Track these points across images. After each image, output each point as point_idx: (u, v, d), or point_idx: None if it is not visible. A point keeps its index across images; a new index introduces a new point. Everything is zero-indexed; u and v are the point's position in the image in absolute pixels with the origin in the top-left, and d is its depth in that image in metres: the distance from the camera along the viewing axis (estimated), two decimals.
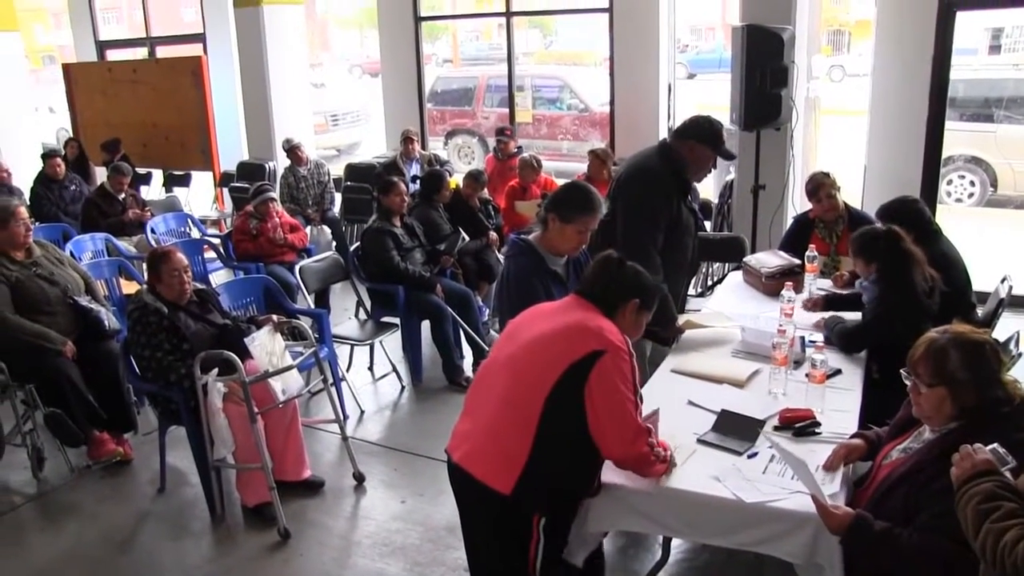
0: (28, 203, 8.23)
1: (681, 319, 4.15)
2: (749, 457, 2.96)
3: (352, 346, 5.96)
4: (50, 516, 4.57)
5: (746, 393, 3.51)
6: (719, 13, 27.92)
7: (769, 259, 4.92)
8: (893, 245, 3.80)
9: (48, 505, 4.68)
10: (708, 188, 7.81)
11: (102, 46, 13.59)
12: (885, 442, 2.76)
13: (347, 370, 5.92)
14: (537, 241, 3.58)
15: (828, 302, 4.32)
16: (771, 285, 4.67)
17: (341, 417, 4.74)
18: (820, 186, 5.14)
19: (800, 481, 2.63)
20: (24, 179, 9.03)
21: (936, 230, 4.50)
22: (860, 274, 4.01)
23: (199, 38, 12.26)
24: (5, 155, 10.76)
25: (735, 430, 3.12)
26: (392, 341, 6.11)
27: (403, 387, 5.94)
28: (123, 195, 8.08)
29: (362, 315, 6.24)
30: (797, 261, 4.78)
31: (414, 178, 8.03)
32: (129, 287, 6.25)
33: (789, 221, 6.16)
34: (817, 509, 2.49)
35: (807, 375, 3.34)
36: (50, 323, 4.84)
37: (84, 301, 5.01)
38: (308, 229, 8.19)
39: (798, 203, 6.67)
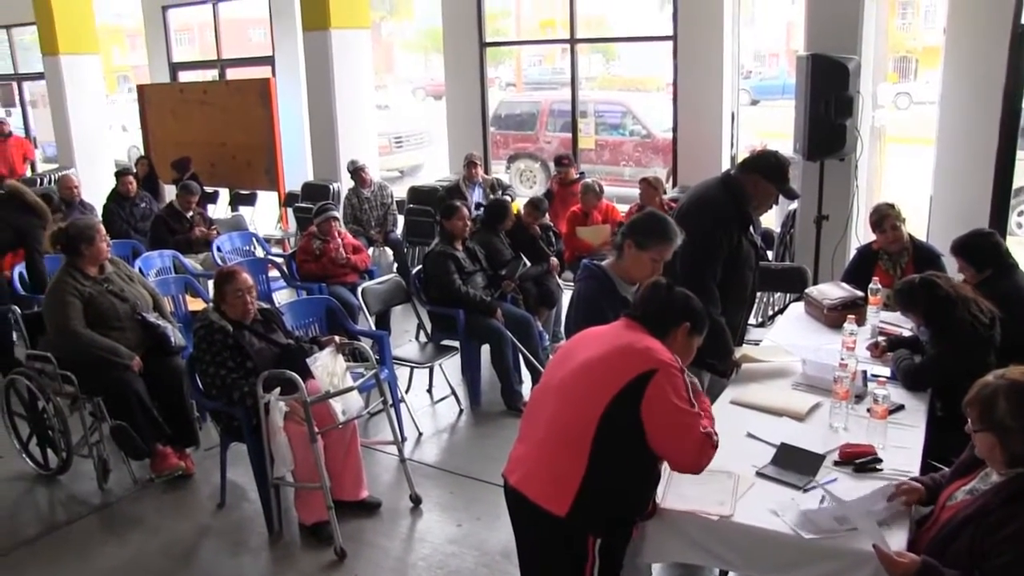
0: (100, 219, 8.44)
1: (738, 352, 4.11)
2: (808, 492, 2.91)
3: (412, 368, 5.99)
4: (114, 527, 4.67)
5: (806, 427, 3.47)
6: (783, 39, 27.74)
7: (831, 291, 4.86)
8: (930, 293, 3.77)
9: (112, 516, 4.78)
10: (770, 217, 7.75)
11: (175, 67, 13.98)
12: (950, 482, 2.70)
13: (406, 392, 5.96)
14: (610, 267, 3.60)
15: (891, 346, 4.24)
16: (833, 317, 4.61)
17: (399, 439, 4.77)
18: (884, 217, 5.07)
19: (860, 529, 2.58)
20: (98, 196, 9.27)
21: (1013, 264, 4.40)
22: (913, 323, 4.01)
23: (268, 60, 12.54)
24: (81, 172, 11.12)
25: (794, 464, 3.08)
26: (451, 364, 6.13)
27: (461, 410, 5.96)
28: (191, 213, 8.26)
29: (422, 337, 6.27)
30: (860, 293, 4.71)
31: (478, 205, 8.06)
32: (195, 304, 6.40)
33: (852, 252, 6.07)
34: (879, 557, 2.44)
35: (869, 410, 3.30)
36: (119, 338, 4.96)
37: (152, 317, 5.13)
38: (370, 250, 8.27)
39: (862, 234, 6.58)
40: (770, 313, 6.83)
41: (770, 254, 7.06)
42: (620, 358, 2.69)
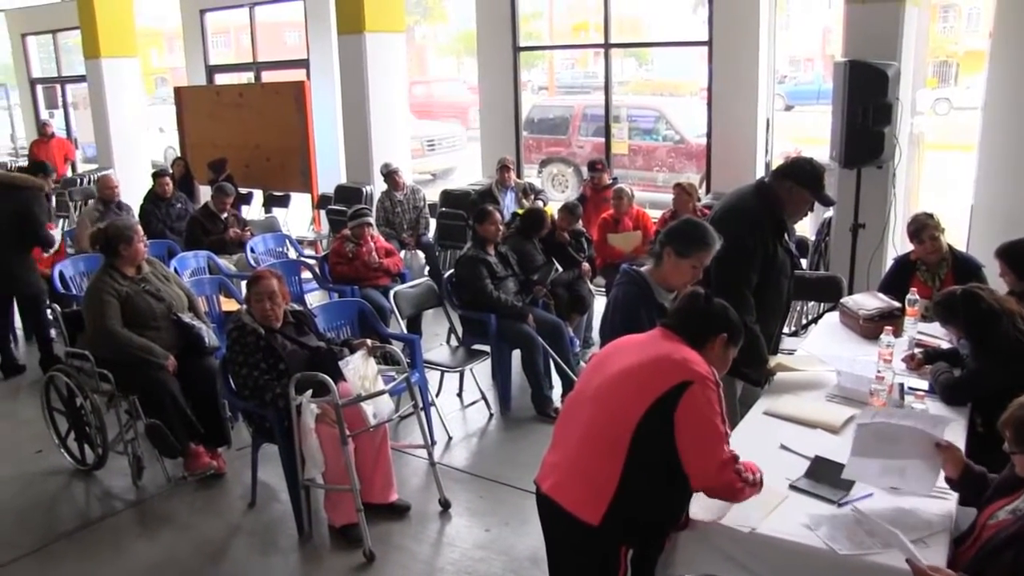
0: (137, 220, 8.54)
1: (773, 361, 4.07)
2: (842, 506, 2.88)
3: (442, 372, 6.00)
4: (147, 523, 4.73)
5: (841, 439, 3.41)
6: (819, 44, 27.53)
7: (867, 301, 4.80)
8: (972, 306, 3.70)
9: (145, 512, 4.84)
10: (805, 225, 7.67)
11: (211, 70, 14.12)
12: (991, 500, 2.66)
13: (436, 396, 5.97)
14: (648, 273, 3.59)
15: (928, 359, 4.18)
16: (869, 328, 4.55)
17: (429, 443, 4.78)
18: (923, 228, 5.00)
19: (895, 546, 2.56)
20: (135, 196, 9.38)
21: None
22: (953, 335, 3.94)
23: (303, 63, 12.64)
24: (119, 172, 11.26)
25: (829, 478, 3.04)
26: (482, 369, 6.13)
27: (491, 415, 5.96)
28: (225, 214, 8.33)
29: (453, 341, 6.28)
30: (897, 304, 4.64)
31: (514, 215, 8.02)
32: (228, 304, 6.45)
33: (889, 262, 6.01)
34: (914, 572, 2.41)
35: None
36: (155, 338, 5.02)
37: (187, 318, 5.19)
38: (402, 253, 8.30)
39: (899, 243, 6.50)
40: (803, 322, 6.77)
41: (804, 262, 6.99)
42: (657, 368, 2.68)
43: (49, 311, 6.65)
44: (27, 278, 6.83)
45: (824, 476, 3.05)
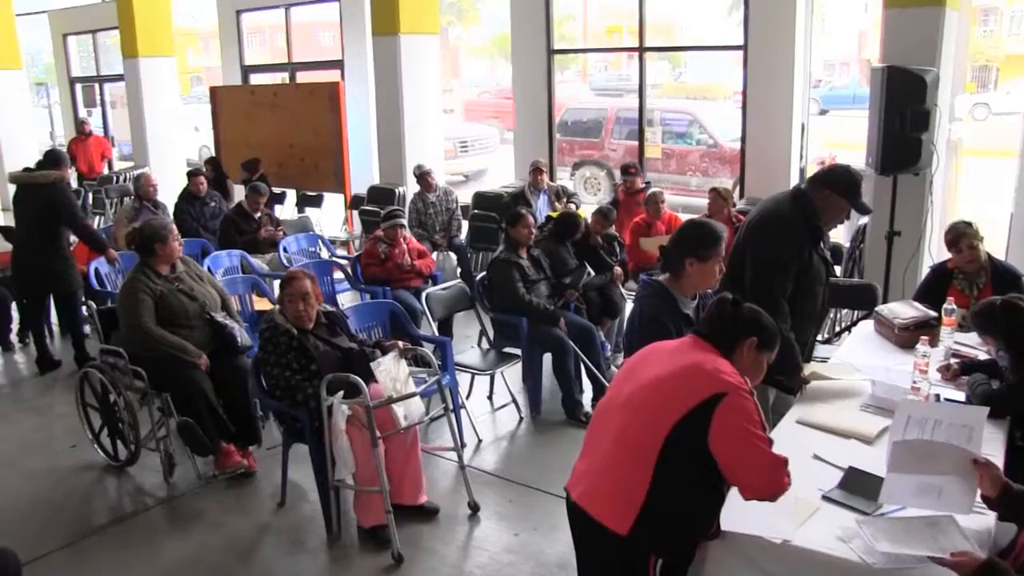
0: (171, 218, 8.62)
1: (807, 369, 4.03)
2: (877, 518, 2.84)
3: (473, 375, 6.00)
4: (177, 520, 4.76)
5: (875, 450, 3.36)
6: (854, 47, 27.29)
7: (903, 310, 4.73)
8: (1013, 317, 3.62)
9: (176, 509, 4.87)
10: (839, 232, 7.60)
11: (247, 70, 14.23)
12: None
13: (467, 398, 5.96)
14: (669, 283, 3.56)
15: (965, 369, 4.11)
16: (904, 337, 4.49)
17: (459, 445, 4.78)
18: (961, 236, 4.92)
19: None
20: (170, 195, 9.47)
21: None
22: (991, 347, 3.87)
23: (337, 64, 12.69)
24: (155, 171, 11.36)
25: (863, 489, 2.99)
26: (513, 372, 6.12)
27: (521, 418, 5.95)
28: (259, 214, 8.38)
29: (484, 344, 6.28)
30: (933, 313, 4.57)
31: (547, 218, 8.00)
32: (261, 304, 6.49)
33: (925, 270, 5.93)
34: (944, 564, 2.37)
35: None
36: (188, 336, 5.06)
37: (220, 317, 5.23)
38: (434, 255, 8.31)
39: (935, 251, 6.42)
40: (837, 330, 6.70)
41: (838, 269, 6.92)
42: (688, 379, 2.65)
43: (84, 308, 6.73)
44: (65, 274, 6.91)
45: (858, 487, 3.01)
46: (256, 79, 14.25)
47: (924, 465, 2.74)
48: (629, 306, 6.77)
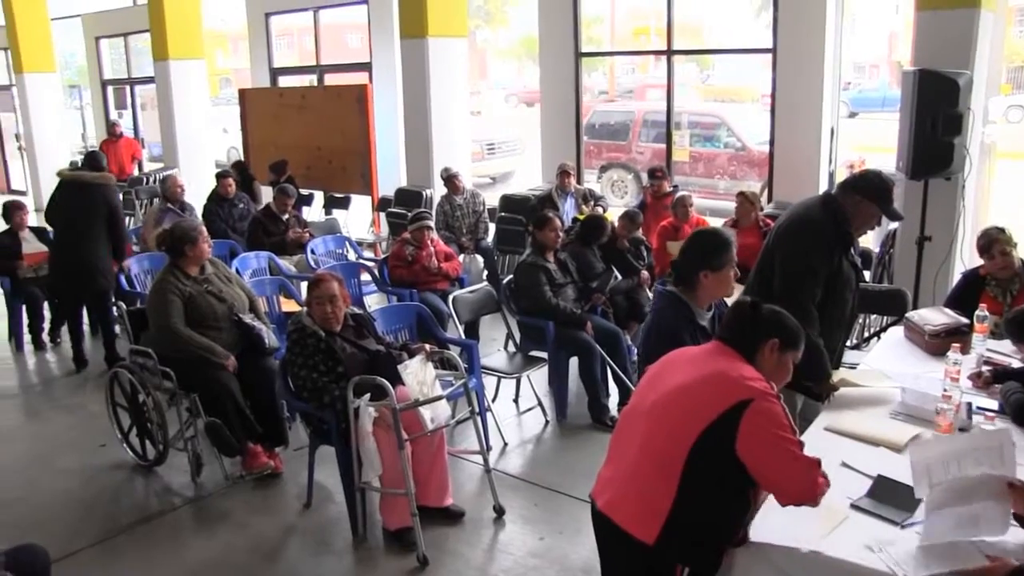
0: (200, 219, 8.68)
1: (836, 376, 3.99)
2: (906, 528, 2.80)
3: (499, 378, 5.99)
4: (204, 520, 4.80)
5: (905, 459, 3.29)
6: (885, 49, 27.07)
7: (934, 316, 4.66)
8: None
9: (203, 509, 4.91)
10: (868, 237, 7.51)
11: (275, 72, 14.30)
12: None
13: (492, 401, 5.95)
14: (683, 293, 3.53)
15: (997, 377, 4.05)
16: (935, 344, 4.42)
17: (485, 448, 4.77)
18: (993, 242, 4.86)
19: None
20: (199, 196, 9.55)
21: None
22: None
23: (365, 67, 12.74)
24: (184, 172, 11.47)
25: (892, 498, 2.95)
26: (539, 375, 6.12)
27: (547, 422, 5.93)
28: (286, 215, 8.43)
29: (511, 347, 6.27)
30: (965, 320, 4.50)
31: (574, 220, 8.00)
32: (288, 305, 6.52)
33: (956, 276, 5.86)
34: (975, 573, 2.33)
35: None
36: (216, 337, 5.10)
37: (248, 318, 5.26)
38: (461, 257, 8.31)
39: (967, 257, 6.34)
40: (866, 335, 6.63)
41: (867, 274, 6.85)
42: (713, 387, 2.63)
43: (115, 308, 6.79)
44: (106, 273, 6.99)
45: (887, 496, 2.96)
46: (284, 81, 14.33)
47: (961, 499, 2.69)
48: None
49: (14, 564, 3.14)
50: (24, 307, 7.79)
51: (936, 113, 5.92)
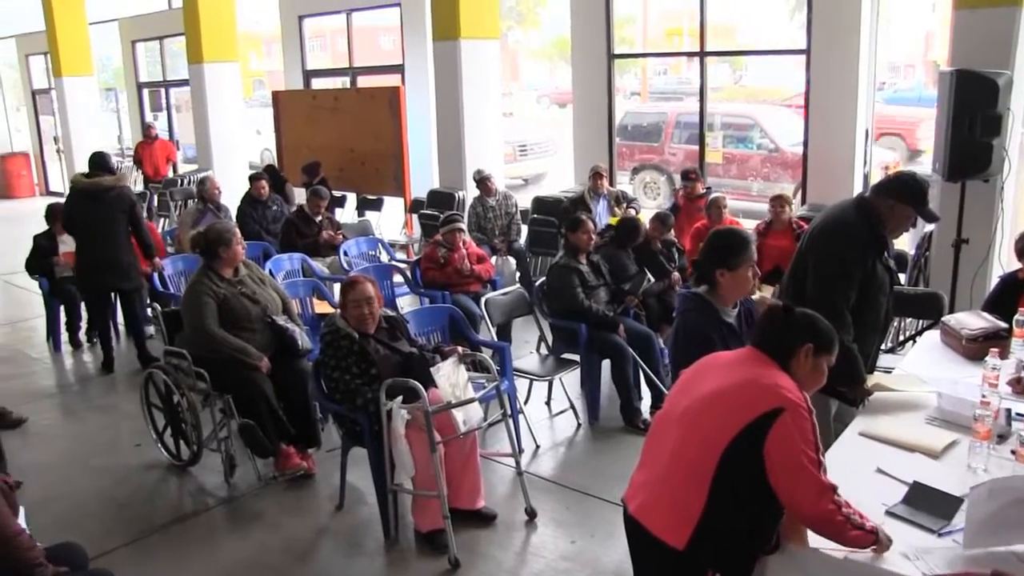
0: (234, 221, 8.75)
1: (871, 380, 3.94)
2: (943, 536, 2.75)
3: (531, 380, 5.98)
4: (238, 520, 4.83)
5: (941, 465, 3.26)
6: (920, 49, 26.73)
7: (971, 320, 4.58)
8: None
9: (237, 510, 4.94)
10: (904, 240, 7.43)
11: (308, 74, 14.39)
12: None
13: (524, 404, 5.95)
14: (707, 294, 3.53)
15: None
16: (972, 349, 4.35)
17: (517, 451, 4.76)
18: None
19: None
20: (232, 198, 9.62)
21: None
22: None
23: (398, 69, 12.78)
24: (218, 174, 11.56)
25: (929, 505, 2.90)
26: (571, 378, 6.09)
27: (579, 425, 5.91)
28: (319, 217, 8.47)
29: (543, 350, 6.26)
30: (1004, 325, 4.43)
31: (607, 226, 7.95)
32: (321, 307, 6.55)
33: (994, 280, 5.76)
34: None
35: (1013, 452, 3.11)
36: (249, 339, 5.13)
37: (281, 320, 5.29)
38: (493, 259, 8.31)
39: (1005, 260, 6.24)
40: (900, 339, 6.55)
41: (902, 277, 6.76)
42: (745, 393, 2.62)
43: (150, 310, 6.86)
44: (133, 269, 7.10)
45: (924, 504, 2.91)
46: (318, 83, 14.41)
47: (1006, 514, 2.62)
48: None
49: (53, 562, 3.19)
50: (62, 307, 7.89)
51: (974, 114, 5.83)
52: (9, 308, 9.94)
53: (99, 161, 7.22)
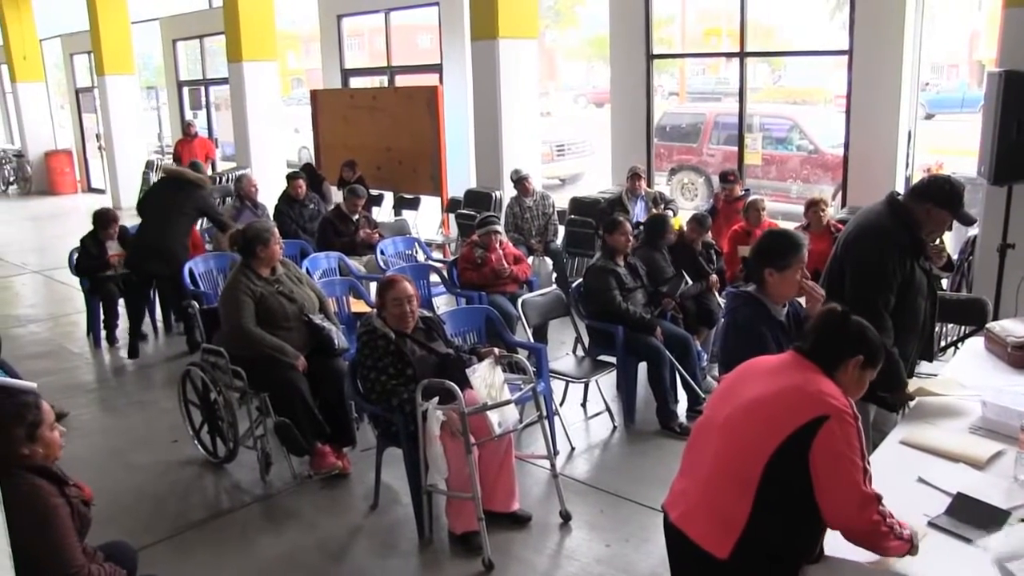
0: (271, 220, 8.81)
1: (912, 385, 3.88)
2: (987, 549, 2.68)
3: (567, 382, 5.95)
4: (273, 518, 4.83)
5: (986, 476, 3.18)
6: (965, 49, 26.36)
7: (1017, 327, 4.47)
8: None
9: (272, 508, 4.95)
10: (947, 243, 7.30)
11: (346, 73, 14.45)
12: None
13: (560, 405, 5.91)
14: (757, 292, 3.54)
15: None
16: (1018, 357, 4.24)
17: (552, 453, 4.74)
18: None
19: None
20: (270, 196, 9.68)
21: None
22: None
23: (436, 68, 12.80)
24: (256, 172, 11.65)
25: (973, 517, 2.83)
26: (607, 380, 6.06)
27: (615, 427, 5.87)
28: (356, 216, 8.49)
29: (579, 351, 6.22)
30: None
31: (638, 224, 7.92)
32: (358, 306, 6.56)
33: None
34: None
35: None
36: (286, 338, 5.14)
37: (318, 319, 5.30)
38: (530, 259, 8.28)
39: None
40: (941, 345, 6.42)
41: (944, 282, 6.64)
42: (790, 401, 2.57)
43: (188, 308, 6.91)
44: (181, 262, 7.23)
45: (967, 515, 2.84)
46: (355, 82, 14.48)
47: None
48: None
49: (108, 560, 3.20)
50: (101, 304, 7.99)
51: (1022, 116, 5.72)
52: (50, 303, 10.06)
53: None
